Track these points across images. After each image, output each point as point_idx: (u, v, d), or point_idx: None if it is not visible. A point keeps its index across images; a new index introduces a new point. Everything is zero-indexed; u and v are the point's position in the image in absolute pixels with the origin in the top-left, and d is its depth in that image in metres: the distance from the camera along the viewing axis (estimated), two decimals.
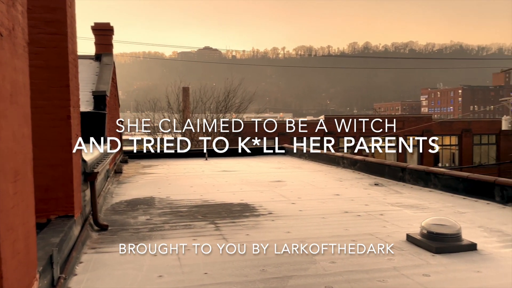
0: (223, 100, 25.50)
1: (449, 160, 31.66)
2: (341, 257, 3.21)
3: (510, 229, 4.00)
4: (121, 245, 3.55)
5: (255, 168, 9.46)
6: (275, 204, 5.31)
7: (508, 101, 27.49)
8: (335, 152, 9.90)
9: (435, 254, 3.21)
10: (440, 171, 6.25)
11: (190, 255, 3.33)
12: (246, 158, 11.81)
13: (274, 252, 3.35)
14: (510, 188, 4.95)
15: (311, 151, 10.93)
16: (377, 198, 5.68)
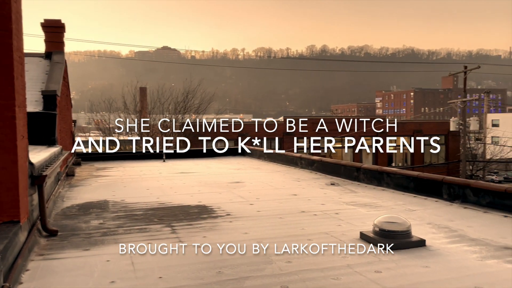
0: (182, 101, 25.19)
1: (402, 160, 32.96)
2: (297, 256, 3.25)
3: (457, 225, 4.20)
4: (71, 251, 3.41)
5: (214, 170, 9.40)
6: (233, 205, 5.30)
7: (456, 103, 28.99)
8: (293, 153, 10.03)
9: (387, 251, 3.32)
10: (392, 171, 6.48)
11: (145, 259, 3.25)
12: (205, 159, 11.73)
13: (231, 254, 3.33)
14: (457, 186, 5.21)
15: (270, 152, 11.01)
16: (333, 198, 5.80)
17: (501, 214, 4.49)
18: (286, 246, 3.47)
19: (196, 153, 12.37)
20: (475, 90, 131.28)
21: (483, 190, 4.85)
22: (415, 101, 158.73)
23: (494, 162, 37.85)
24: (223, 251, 3.39)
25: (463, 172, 24.51)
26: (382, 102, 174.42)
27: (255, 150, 11.94)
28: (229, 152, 12.77)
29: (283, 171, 8.96)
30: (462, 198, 5.10)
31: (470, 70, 26.96)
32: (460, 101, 26.82)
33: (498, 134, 42.25)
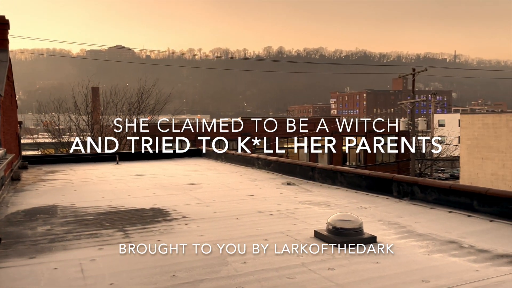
0: (136, 101, 24.58)
1: (356, 159, 34.01)
2: (252, 257, 3.25)
3: (405, 221, 4.38)
4: (16, 260, 3.22)
5: (170, 171, 9.24)
6: (189, 208, 5.23)
7: (405, 104, 30.29)
8: (251, 154, 10.06)
9: (340, 249, 3.40)
10: (346, 170, 6.65)
11: (95, 265, 3.13)
12: (161, 161, 11.50)
13: (186, 257, 3.29)
14: (405, 183, 5.44)
15: (227, 152, 10.98)
16: (289, 197, 5.87)
17: (446, 210, 4.73)
18: (242, 247, 3.47)
19: (152, 155, 12.11)
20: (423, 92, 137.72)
21: (429, 187, 5.09)
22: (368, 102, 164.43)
23: (441, 161, 39.94)
24: (178, 254, 3.33)
25: (412, 170, 25.66)
26: (336, 103, 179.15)
27: (212, 151, 11.87)
28: (186, 154, 12.61)
29: (240, 171, 8.96)
30: (410, 195, 5.32)
31: (418, 72, 28.26)
32: (409, 102, 28.05)
33: (444, 133, 44.59)
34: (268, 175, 8.28)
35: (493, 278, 2.77)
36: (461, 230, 3.95)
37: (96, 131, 23.21)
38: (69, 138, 23.82)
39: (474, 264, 3.04)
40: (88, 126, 23.98)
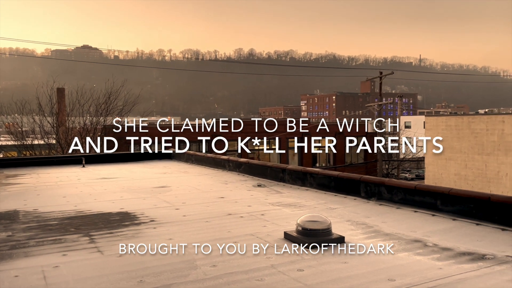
0: (104, 103, 23.99)
1: (325, 160, 34.50)
2: (222, 259, 3.23)
3: (373, 221, 4.47)
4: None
5: (138, 174, 9.07)
6: (158, 211, 5.14)
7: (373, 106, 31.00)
8: (221, 156, 10.01)
9: (309, 250, 3.43)
10: (315, 171, 6.73)
11: (59, 272, 3.02)
12: (129, 164, 11.26)
13: (154, 261, 3.23)
14: (373, 184, 5.55)
15: (198, 155, 10.89)
16: (259, 199, 5.88)
17: (412, 210, 4.85)
18: (211, 250, 3.45)
19: (120, 157, 11.85)
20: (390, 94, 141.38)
21: (396, 188, 5.21)
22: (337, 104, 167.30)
23: (407, 161, 41.07)
24: (145, 259, 3.27)
25: (379, 171, 26.27)
26: (307, 105, 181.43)
27: (183, 154, 11.73)
28: (156, 156, 12.41)
29: (210, 174, 8.90)
30: (377, 196, 5.44)
31: (385, 75, 28.99)
32: (376, 104, 28.73)
33: (410, 134, 45.89)
34: (239, 177, 8.26)
35: (456, 276, 2.86)
36: (426, 229, 4.07)
37: (62, 133, 22.51)
38: (33, 141, 22.97)
39: (438, 262, 3.13)
40: (53, 128, 23.21)
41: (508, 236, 3.74)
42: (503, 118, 19.69)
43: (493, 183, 19.47)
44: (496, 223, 4.04)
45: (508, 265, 3.05)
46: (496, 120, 19.62)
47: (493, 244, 3.55)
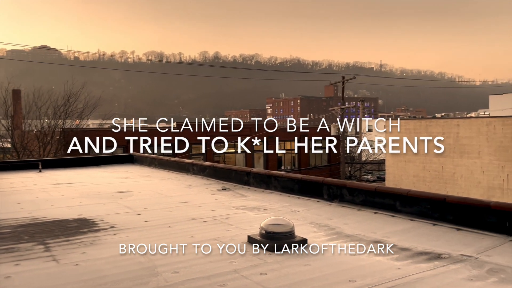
0: (63, 105, 23.16)
1: (290, 163, 34.85)
2: (184, 265, 3.17)
3: (335, 223, 4.53)
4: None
5: (98, 179, 8.79)
6: (119, 217, 5.00)
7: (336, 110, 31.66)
8: (185, 159, 9.88)
9: (272, 253, 3.43)
10: (279, 174, 6.76)
11: (10, 283, 2.86)
12: (88, 168, 10.90)
13: (113, 269, 3.12)
14: (335, 186, 5.64)
15: (161, 158, 10.70)
16: (224, 203, 5.84)
17: (372, 211, 4.97)
18: (173, 255, 3.39)
19: (79, 162, 11.46)
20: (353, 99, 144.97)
21: (357, 190, 5.32)
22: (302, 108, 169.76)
23: (369, 164, 42.21)
24: (104, 267, 3.16)
25: (342, 173, 26.82)
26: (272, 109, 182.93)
27: (145, 158, 11.50)
28: (117, 160, 12.09)
29: (174, 178, 8.76)
30: (340, 198, 5.53)
31: (347, 80, 29.69)
32: (339, 108, 29.35)
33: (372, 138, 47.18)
34: (203, 180, 8.18)
35: (414, 275, 2.94)
36: (385, 230, 4.17)
37: (17, 136, 21.52)
38: None
39: (397, 262, 3.21)
40: (7, 132, 22.15)
41: (462, 236, 3.90)
42: (458, 122, 20.63)
43: (449, 184, 20.34)
44: (451, 223, 4.20)
45: (463, 263, 3.17)
46: (452, 124, 20.53)
47: (449, 243, 3.69)
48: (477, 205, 4.02)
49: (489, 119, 19.98)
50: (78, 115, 23.83)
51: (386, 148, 23.56)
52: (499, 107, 49.98)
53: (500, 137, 18.49)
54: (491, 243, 3.63)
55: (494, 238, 3.75)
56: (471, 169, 19.58)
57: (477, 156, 19.32)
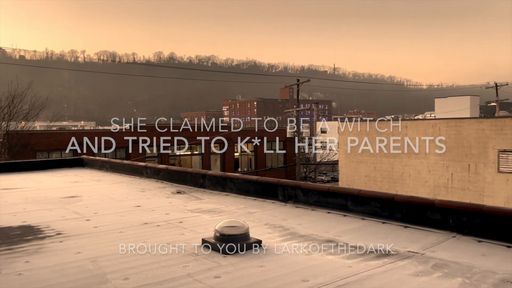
0: (7, 106, 21.86)
1: (247, 165, 34.94)
2: (135, 271, 3.08)
3: (289, 224, 4.58)
4: None
5: (45, 184, 8.36)
6: (66, 223, 4.78)
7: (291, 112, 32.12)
8: (138, 162, 9.63)
9: (227, 255, 3.41)
10: (235, 176, 6.75)
11: None
12: (35, 173, 10.36)
13: (59, 278, 2.97)
14: (289, 187, 5.71)
15: (113, 162, 10.36)
16: (178, 206, 5.74)
17: (325, 211, 5.07)
18: (124, 261, 3.28)
19: (25, 166, 10.86)
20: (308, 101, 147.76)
21: (310, 190, 5.42)
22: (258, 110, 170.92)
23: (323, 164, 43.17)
24: (49, 276, 3.00)
25: (298, 174, 27.24)
26: (229, 111, 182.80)
27: (96, 161, 11.09)
28: (66, 164, 11.57)
29: (127, 181, 8.51)
30: (294, 198, 5.60)
31: (302, 83, 30.22)
32: (294, 110, 29.81)
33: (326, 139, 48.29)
34: (157, 184, 8.00)
35: (364, 272, 3.03)
36: (338, 229, 4.27)
37: None
38: None
39: (348, 261, 3.29)
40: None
41: (409, 233, 4.07)
42: (406, 123, 21.59)
43: (398, 184, 21.22)
44: (399, 221, 4.37)
45: (410, 260, 3.30)
46: (400, 125, 21.44)
47: (397, 240, 3.83)
48: (422, 203, 4.21)
49: (435, 121, 21.05)
50: (23, 116, 22.58)
51: (339, 149, 24.19)
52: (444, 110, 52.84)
53: (444, 138, 19.54)
54: (436, 239, 3.82)
55: (439, 234, 3.95)
56: (418, 169, 20.55)
57: (424, 156, 20.30)
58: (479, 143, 18.52)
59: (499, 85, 39.01)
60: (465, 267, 3.10)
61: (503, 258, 3.29)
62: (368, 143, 22.00)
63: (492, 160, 18.16)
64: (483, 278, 2.87)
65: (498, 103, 38.24)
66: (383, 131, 21.92)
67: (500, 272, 2.97)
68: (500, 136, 17.89)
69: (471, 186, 18.75)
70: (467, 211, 3.86)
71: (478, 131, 18.55)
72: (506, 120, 18.16)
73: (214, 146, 32.09)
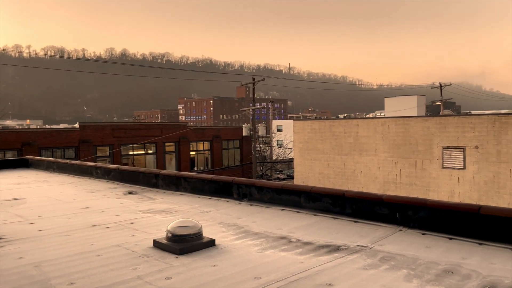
0: None
1: (203, 164, 34.65)
2: (82, 275, 2.95)
3: (243, 222, 4.58)
4: None
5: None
6: (8, 227, 4.50)
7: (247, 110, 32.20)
8: (88, 162, 9.27)
9: (179, 256, 3.35)
10: (189, 175, 6.66)
11: None
12: None
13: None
14: (244, 185, 5.71)
15: (60, 162, 9.90)
16: (130, 207, 5.58)
17: (279, 208, 5.12)
18: (70, 266, 3.13)
19: None
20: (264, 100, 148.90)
21: (265, 188, 5.45)
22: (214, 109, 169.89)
23: (279, 162, 43.69)
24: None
25: (254, 172, 27.37)
26: (184, 109, 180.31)
27: (42, 161, 10.55)
28: (8, 164, 10.92)
29: (75, 182, 8.16)
30: (249, 197, 5.61)
31: (257, 81, 30.38)
32: (250, 109, 29.91)
33: (282, 137, 48.92)
34: (108, 184, 7.74)
35: (315, 268, 3.08)
36: (291, 226, 4.32)
37: None
38: None
39: (300, 257, 3.34)
40: None
41: (359, 227, 4.19)
42: (358, 122, 22.29)
43: (350, 180, 21.89)
44: (350, 216, 4.50)
45: (359, 254, 3.40)
46: (352, 124, 22.12)
47: (347, 235, 3.94)
48: (371, 199, 4.35)
49: (384, 119, 21.88)
50: None
51: (294, 147, 24.57)
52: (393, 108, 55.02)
53: (393, 135, 20.39)
54: (384, 233, 3.96)
55: (386, 228, 4.10)
56: (369, 166, 21.29)
57: (374, 153, 21.07)
58: (425, 140, 19.49)
59: (443, 85, 41.26)
60: (410, 259, 3.23)
61: (446, 249, 3.46)
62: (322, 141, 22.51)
63: (436, 156, 19.16)
64: (426, 269, 3.01)
65: (443, 102, 40.43)
66: (336, 130, 22.50)
67: (443, 263, 3.13)
68: (444, 133, 18.92)
69: (418, 181, 19.69)
70: (412, 205, 4.03)
71: (424, 129, 19.51)
72: (449, 119, 19.23)
73: (169, 145, 31.53)
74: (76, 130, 26.92)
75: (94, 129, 27.50)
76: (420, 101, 61.10)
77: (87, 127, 27.59)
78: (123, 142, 28.36)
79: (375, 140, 21.07)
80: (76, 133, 26.50)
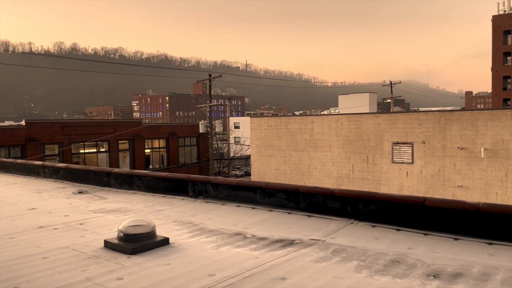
0: None
1: (159, 162, 34.00)
2: (27, 279, 2.81)
3: (198, 219, 4.54)
4: None
5: None
6: None
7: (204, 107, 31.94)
8: (34, 161, 8.82)
9: (131, 256, 3.27)
10: (143, 173, 6.51)
11: None
12: None
13: None
14: (200, 183, 5.66)
15: (4, 161, 9.35)
16: (79, 207, 5.37)
17: (235, 205, 5.13)
18: (14, 270, 2.97)
19: None
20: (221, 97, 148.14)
21: (221, 185, 5.43)
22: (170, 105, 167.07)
23: (237, 159, 43.71)
24: None
25: (211, 170, 27.23)
26: (139, 106, 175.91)
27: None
28: None
29: (21, 182, 7.75)
30: (204, 194, 5.57)
31: (214, 78, 30.20)
32: (207, 106, 29.69)
33: (239, 134, 48.95)
34: (56, 184, 7.41)
35: (269, 262, 3.11)
36: (246, 222, 4.34)
37: None
38: None
39: (255, 252, 3.36)
40: None
41: (312, 221, 4.28)
42: (312, 119, 22.74)
43: (306, 176, 22.31)
44: (303, 211, 4.58)
45: (312, 247, 3.47)
46: (307, 120, 22.53)
47: (301, 229, 4.01)
48: (324, 193, 4.45)
49: (338, 116, 22.48)
50: None
51: (251, 143, 24.68)
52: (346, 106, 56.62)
53: (346, 132, 20.99)
54: (336, 226, 4.07)
55: (338, 221, 4.21)
56: (323, 161, 21.80)
57: (328, 149, 21.60)
58: (376, 136, 20.22)
59: (393, 83, 42.95)
60: (360, 250, 3.35)
61: (393, 240, 3.61)
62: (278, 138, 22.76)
63: (387, 151, 19.95)
64: (375, 260, 3.12)
65: (393, 99, 42.11)
66: (292, 126, 22.83)
67: (390, 253, 3.26)
68: (393, 129, 19.72)
69: (370, 176, 20.41)
70: (363, 199, 4.17)
71: (375, 125, 20.24)
72: (399, 115, 20.07)
73: (123, 142, 30.67)
74: (22, 127, 25.51)
75: (42, 127, 26.20)
76: (372, 99, 63.25)
77: (34, 125, 26.24)
78: (74, 140, 27.25)
79: (329, 136, 21.60)
80: (22, 131, 25.13)
